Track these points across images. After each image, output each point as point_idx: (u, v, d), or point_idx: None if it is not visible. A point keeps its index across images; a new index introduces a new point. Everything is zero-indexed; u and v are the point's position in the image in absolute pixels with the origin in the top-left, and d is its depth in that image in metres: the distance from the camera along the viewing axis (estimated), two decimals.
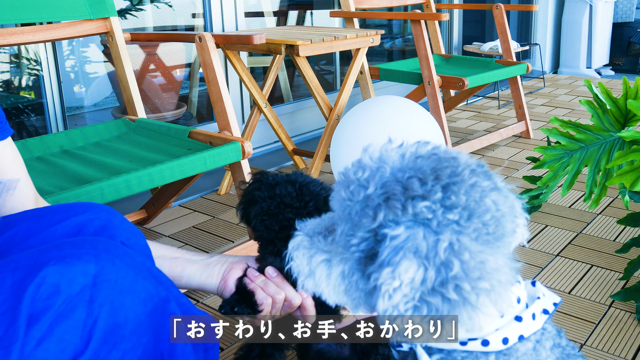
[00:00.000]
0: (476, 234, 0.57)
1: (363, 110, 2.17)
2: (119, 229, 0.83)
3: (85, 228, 0.80)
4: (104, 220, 0.82)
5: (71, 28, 1.79)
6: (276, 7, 3.63)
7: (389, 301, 0.55)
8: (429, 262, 0.54)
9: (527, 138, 3.19)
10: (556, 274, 1.74)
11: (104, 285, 0.67)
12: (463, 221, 0.57)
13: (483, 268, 0.55)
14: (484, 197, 0.58)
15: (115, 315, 0.67)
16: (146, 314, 0.71)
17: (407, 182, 0.58)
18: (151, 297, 0.72)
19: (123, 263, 0.70)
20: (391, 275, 0.55)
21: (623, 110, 1.79)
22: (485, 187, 0.59)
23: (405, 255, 0.55)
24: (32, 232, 0.78)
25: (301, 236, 0.68)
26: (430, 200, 0.56)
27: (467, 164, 0.60)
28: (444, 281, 0.54)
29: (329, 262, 0.65)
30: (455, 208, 0.57)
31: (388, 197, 0.57)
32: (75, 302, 0.65)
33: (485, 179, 0.60)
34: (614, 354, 1.38)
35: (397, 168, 0.60)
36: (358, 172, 0.60)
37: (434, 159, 0.60)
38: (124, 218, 0.86)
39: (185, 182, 1.76)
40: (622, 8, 5.47)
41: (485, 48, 4.07)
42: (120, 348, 0.67)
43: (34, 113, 2.48)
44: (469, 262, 0.54)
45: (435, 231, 0.56)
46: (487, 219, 0.58)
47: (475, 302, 0.54)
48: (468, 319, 0.54)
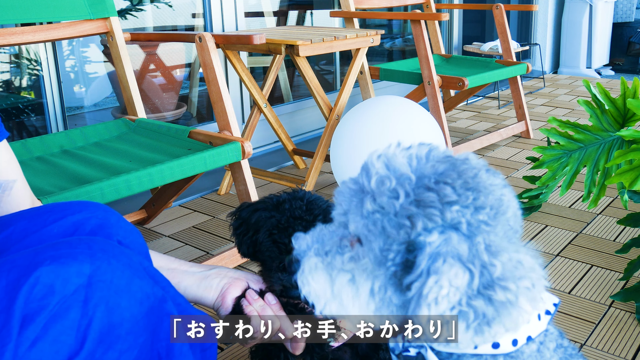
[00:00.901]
0: (503, 231, 0.57)
1: (363, 110, 2.17)
2: (116, 228, 0.82)
3: (81, 227, 0.80)
4: (100, 219, 0.82)
5: (71, 28, 1.79)
6: (276, 7, 3.63)
7: (435, 308, 0.54)
8: (473, 266, 0.54)
9: (527, 138, 3.19)
10: (556, 274, 1.74)
11: (99, 285, 0.67)
12: (491, 220, 0.57)
13: (522, 267, 0.55)
14: (502, 194, 0.59)
15: (110, 315, 0.67)
16: (142, 314, 0.70)
17: (438, 187, 0.57)
18: (147, 297, 0.72)
19: (119, 263, 0.70)
20: (437, 282, 0.54)
21: (622, 110, 1.79)
22: (499, 185, 0.60)
23: (447, 260, 0.54)
24: (28, 232, 0.78)
25: (314, 257, 0.64)
26: (461, 204, 0.56)
27: (480, 165, 0.61)
28: (489, 283, 0.54)
29: (353, 281, 0.61)
30: (484, 209, 0.57)
31: (425, 205, 0.56)
32: (70, 302, 0.64)
33: (496, 177, 0.61)
34: (614, 354, 1.38)
35: (420, 174, 0.59)
36: (385, 182, 0.58)
37: (449, 160, 0.60)
38: (120, 216, 0.85)
39: (185, 182, 1.76)
40: (622, 8, 5.47)
41: (485, 48, 4.07)
42: (116, 348, 0.67)
43: (34, 113, 2.48)
44: (508, 262, 0.54)
45: (467, 234, 0.56)
46: (510, 215, 0.59)
47: (518, 302, 0.53)
48: (511, 320, 0.54)
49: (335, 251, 0.63)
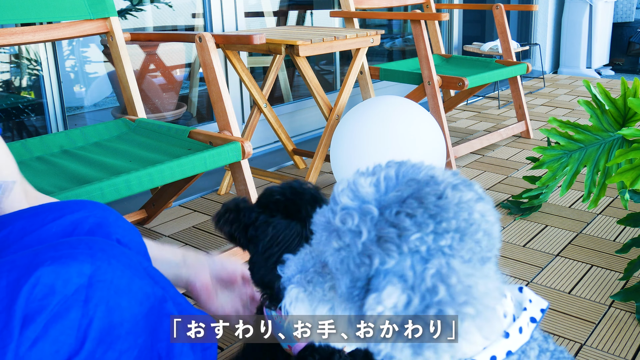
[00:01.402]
0: (470, 254, 0.56)
1: (363, 110, 2.17)
2: (114, 227, 0.82)
3: (80, 226, 0.80)
4: (99, 218, 0.82)
5: (71, 28, 1.79)
6: (276, 7, 3.63)
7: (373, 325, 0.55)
8: (413, 289, 0.54)
9: (527, 138, 3.19)
10: (556, 274, 1.74)
11: (99, 285, 0.67)
12: (455, 244, 0.56)
13: (470, 292, 0.53)
14: (472, 212, 0.57)
15: (111, 315, 0.67)
16: (142, 314, 0.70)
17: (397, 219, 0.56)
18: (148, 297, 0.72)
19: (119, 263, 0.70)
20: (375, 300, 0.55)
21: (622, 110, 1.79)
22: (471, 201, 0.58)
23: (390, 280, 0.54)
24: (27, 231, 0.77)
25: (295, 288, 0.65)
26: (422, 232, 0.56)
27: (447, 182, 0.59)
28: (428, 306, 0.53)
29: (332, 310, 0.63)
30: (447, 233, 0.56)
31: (383, 241, 0.56)
32: (71, 302, 0.64)
33: (468, 190, 0.59)
34: (614, 354, 1.38)
35: (383, 204, 0.58)
36: (347, 220, 0.58)
37: (414, 184, 0.59)
38: (119, 215, 0.85)
39: (185, 182, 1.76)
40: (622, 8, 5.47)
41: (485, 48, 4.07)
42: (116, 348, 0.67)
43: (34, 113, 2.48)
44: (455, 287, 0.53)
45: (424, 258, 0.55)
46: (480, 236, 0.57)
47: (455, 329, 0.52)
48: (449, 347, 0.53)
49: (316, 281, 0.64)
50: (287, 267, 0.67)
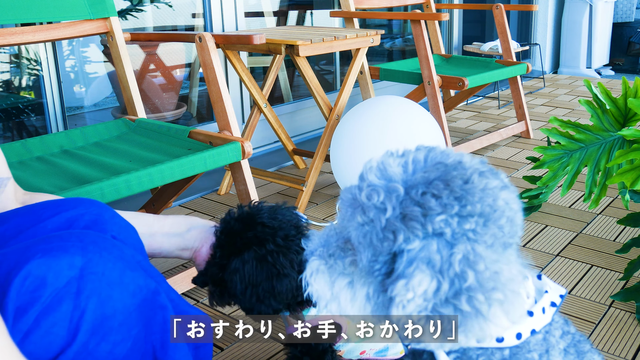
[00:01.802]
0: (492, 239, 0.57)
1: (363, 110, 2.16)
2: (110, 224, 0.82)
3: (75, 223, 0.80)
4: (94, 215, 0.82)
5: (71, 28, 1.79)
6: (276, 7, 3.63)
7: (402, 311, 0.56)
8: (442, 275, 0.55)
9: (527, 138, 3.19)
10: (556, 274, 1.74)
11: (91, 277, 0.67)
12: (479, 228, 0.57)
13: (497, 278, 0.55)
14: (497, 199, 0.58)
15: (103, 307, 0.67)
16: (135, 305, 0.70)
17: (423, 199, 0.57)
18: (140, 289, 0.71)
19: (111, 255, 0.70)
20: (405, 287, 0.55)
21: (622, 110, 1.79)
22: (496, 188, 0.59)
23: (419, 267, 0.55)
24: (23, 228, 0.77)
25: (317, 260, 0.67)
26: (447, 214, 0.56)
27: (474, 168, 0.60)
28: (458, 292, 0.55)
29: (352, 285, 0.64)
30: (472, 217, 0.57)
31: (408, 219, 0.57)
32: (62, 294, 0.64)
33: (494, 178, 0.60)
34: (614, 354, 1.38)
35: (409, 184, 0.60)
36: (373, 196, 0.59)
37: (441, 168, 0.60)
38: (115, 212, 0.85)
39: (185, 182, 1.76)
40: (622, 8, 5.47)
41: (485, 48, 4.07)
42: (109, 340, 0.67)
43: (34, 113, 2.48)
44: (483, 273, 0.55)
45: (450, 242, 0.56)
46: (503, 222, 0.58)
47: (487, 313, 0.54)
48: (479, 330, 0.55)
49: (337, 255, 0.65)
50: (311, 242, 0.68)
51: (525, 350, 0.63)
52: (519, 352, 0.63)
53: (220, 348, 1.42)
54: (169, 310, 0.74)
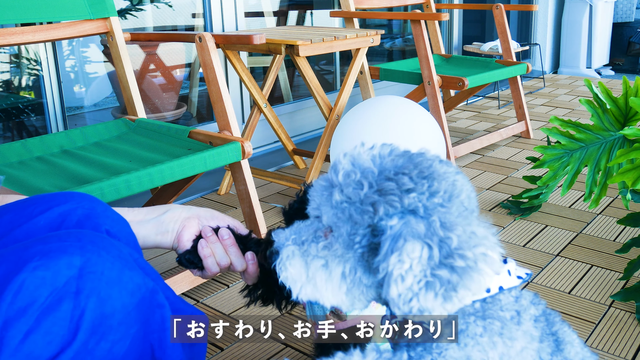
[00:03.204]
0: (457, 211, 0.64)
1: (363, 110, 2.16)
2: (103, 217, 0.82)
3: (68, 218, 0.79)
4: (87, 209, 0.81)
5: (71, 28, 1.79)
6: (276, 7, 3.63)
7: (402, 284, 0.59)
8: (430, 240, 0.60)
9: (527, 138, 3.19)
10: (556, 274, 1.74)
11: (90, 277, 0.67)
12: (446, 203, 0.64)
13: (475, 237, 0.61)
14: (455, 180, 0.66)
15: (102, 306, 0.67)
16: (134, 304, 0.70)
17: (397, 177, 0.65)
18: (139, 288, 0.72)
19: (109, 254, 0.70)
20: (399, 259, 0.60)
21: (623, 109, 1.79)
22: (453, 172, 0.67)
23: (407, 238, 0.60)
24: (15, 224, 0.77)
25: (291, 246, 0.71)
26: (418, 191, 0.63)
27: (434, 157, 0.69)
28: (448, 254, 0.60)
29: (326, 266, 0.68)
30: (438, 193, 0.64)
31: (385, 193, 0.63)
32: (62, 294, 0.64)
33: (449, 166, 0.68)
34: (614, 354, 1.38)
35: (381, 168, 0.67)
36: (350, 175, 0.66)
37: (407, 156, 0.68)
38: (107, 206, 0.84)
39: (185, 182, 1.76)
40: (622, 8, 5.47)
41: (485, 48, 4.07)
42: (108, 339, 0.67)
43: (34, 113, 2.48)
44: (463, 234, 0.61)
45: (424, 216, 0.62)
46: (463, 197, 0.65)
47: (478, 267, 0.59)
48: (476, 283, 0.60)
49: (310, 240, 0.70)
50: (282, 233, 0.74)
51: (497, 307, 0.67)
52: (491, 308, 0.67)
53: (220, 348, 1.41)
54: (167, 308, 0.74)
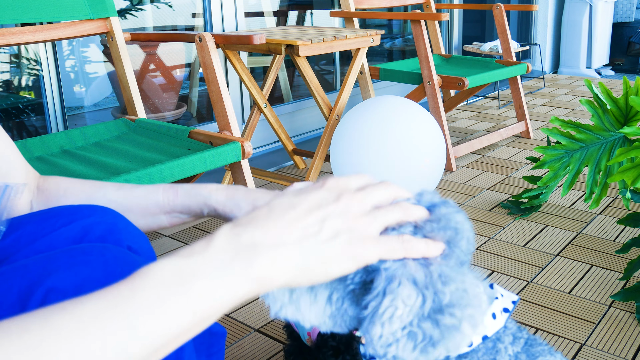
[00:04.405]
0: (455, 261, 0.62)
1: (363, 110, 2.16)
2: (125, 233, 0.82)
3: (90, 232, 0.80)
4: (109, 224, 0.82)
5: (71, 28, 1.79)
6: (276, 7, 3.63)
7: (387, 327, 0.57)
8: (427, 290, 0.58)
9: (527, 138, 3.19)
10: (556, 274, 1.74)
11: None
12: (447, 251, 0.61)
13: (467, 296, 0.59)
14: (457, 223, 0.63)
15: None
16: None
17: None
18: None
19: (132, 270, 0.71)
20: (392, 303, 0.58)
21: (623, 109, 1.79)
22: (454, 212, 0.64)
23: (403, 283, 0.58)
24: (37, 235, 0.77)
25: None
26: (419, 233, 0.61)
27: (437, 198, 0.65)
28: (439, 309, 0.58)
29: (312, 289, 0.65)
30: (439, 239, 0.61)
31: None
32: None
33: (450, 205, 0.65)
34: (614, 354, 1.38)
35: None
36: None
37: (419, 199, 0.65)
38: (128, 221, 0.85)
39: (185, 182, 1.76)
40: (622, 8, 5.47)
41: (485, 48, 4.07)
42: None
43: (34, 113, 2.48)
44: (456, 292, 0.59)
45: (424, 264, 0.60)
46: (463, 244, 0.63)
47: (462, 328, 0.58)
48: (454, 343, 0.58)
49: None
50: None
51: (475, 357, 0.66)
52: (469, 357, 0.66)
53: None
54: None
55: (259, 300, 1.62)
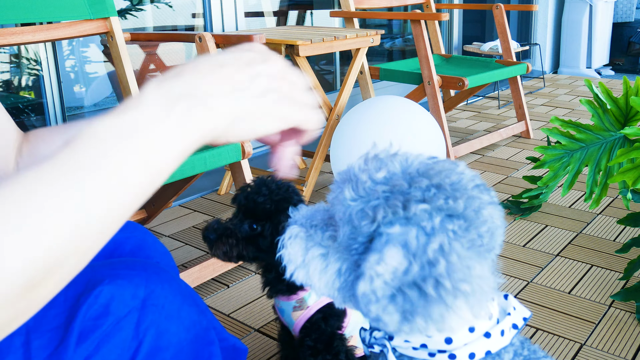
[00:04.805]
0: (470, 243, 0.58)
1: (363, 110, 2.16)
2: (153, 249, 0.85)
3: (121, 246, 0.82)
4: (139, 240, 0.84)
5: (71, 28, 1.79)
6: (276, 7, 3.62)
7: (370, 285, 0.56)
8: (415, 257, 0.56)
9: (527, 138, 3.19)
10: (556, 274, 1.74)
11: (151, 309, 0.69)
12: (460, 231, 0.57)
13: (468, 272, 0.55)
14: (482, 208, 0.59)
15: (159, 339, 0.69)
16: (188, 340, 0.73)
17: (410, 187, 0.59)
18: (194, 325, 0.74)
19: (171, 288, 0.73)
20: (377, 260, 0.56)
21: (623, 109, 1.79)
22: (485, 201, 0.60)
23: (393, 244, 0.56)
24: None
25: (297, 227, 0.68)
26: (430, 204, 0.57)
27: (470, 177, 0.62)
28: (426, 277, 0.55)
29: (325, 257, 0.65)
30: (456, 218, 0.57)
31: (392, 199, 0.58)
32: (123, 324, 0.67)
33: (486, 193, 0.62)
34: (614, 354, 1.38)
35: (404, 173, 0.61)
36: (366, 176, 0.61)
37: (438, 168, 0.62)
38: (155, 238, 0.88)
39: (185, 182, 1.76)
40: (622, 8, 5.47)
41: (485, 48, 4.07)
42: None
43: (34, 113, 2.48)
44: (455, 264, 0.55)
45: (429, 234, 0.57)
46: (483, 231, 0.59)
47: (451, 303, 0.54)
48: (440, 318, 0.55)
49: (319, 227, 0.67)
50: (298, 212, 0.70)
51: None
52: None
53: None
54: (216, 345, 0.77)
55: (259, 300, 1.62)
